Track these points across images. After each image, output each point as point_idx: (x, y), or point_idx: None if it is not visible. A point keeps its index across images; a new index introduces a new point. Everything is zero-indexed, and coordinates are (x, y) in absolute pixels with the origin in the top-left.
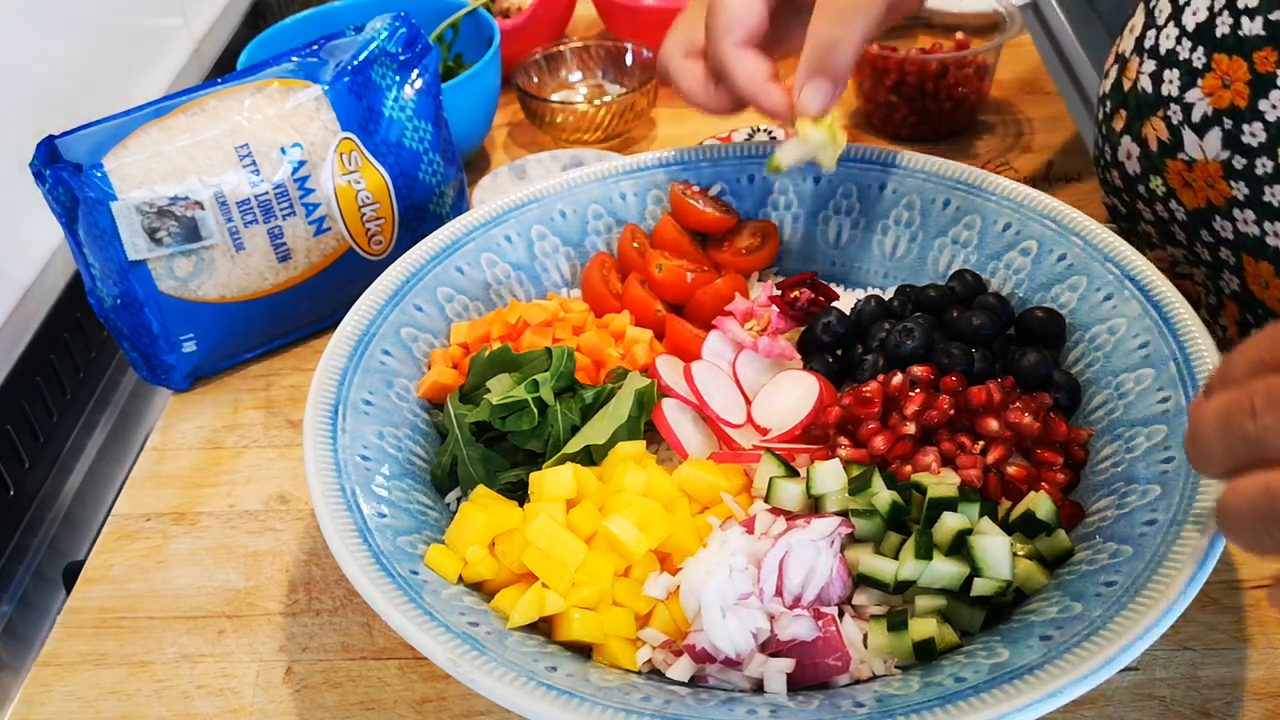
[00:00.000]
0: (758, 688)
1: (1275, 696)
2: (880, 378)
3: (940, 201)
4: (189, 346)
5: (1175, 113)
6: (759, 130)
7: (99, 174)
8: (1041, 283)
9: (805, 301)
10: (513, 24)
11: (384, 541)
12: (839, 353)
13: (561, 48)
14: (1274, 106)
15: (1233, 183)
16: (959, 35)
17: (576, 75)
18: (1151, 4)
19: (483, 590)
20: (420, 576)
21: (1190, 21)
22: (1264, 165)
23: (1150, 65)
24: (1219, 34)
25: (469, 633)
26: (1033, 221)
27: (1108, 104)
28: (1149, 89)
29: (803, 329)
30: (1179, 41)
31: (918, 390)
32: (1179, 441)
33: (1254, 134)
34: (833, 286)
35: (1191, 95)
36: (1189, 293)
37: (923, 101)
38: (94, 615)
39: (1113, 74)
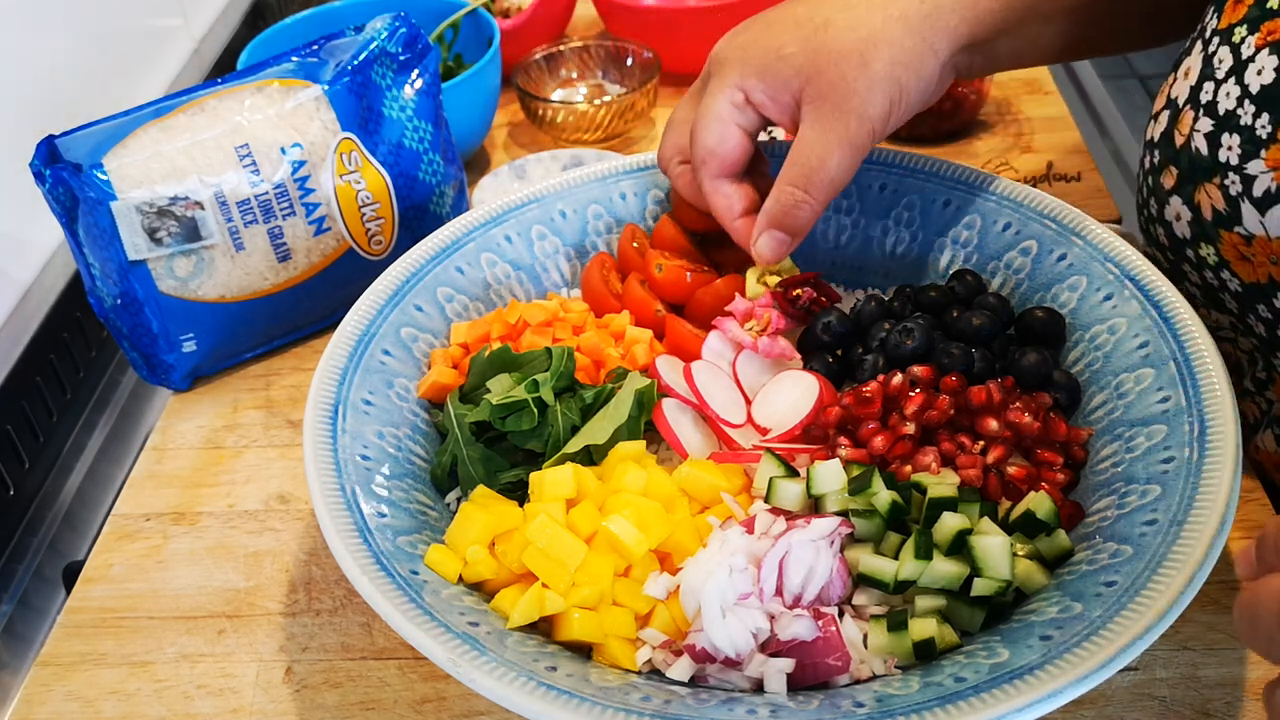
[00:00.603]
0: (758, 688)
1: None
2: (880, 378)
3: (940, 201)
4: (189, 346)
5: (1234, 182)
6: None
7: (99, 174)
8: (1041, 283)
9: (807, 301)
10: (513, 24)
11: (384, 541)
12: (839, 353)
13: (561, 48)
14: None
15: None
16: None
17: (576, 75)
18: (1210, 50)
19: (483, 590)
20: (420, 576)
21: (1255, 83)
22: None
23: (1207, 124)
24: None
25: (469, 633)
26: (1033, 221)
27: (1155, 154)
28: (1204, 150)
29: (803, 329)
30: (1240, 103)
31: (918, 390)
32: (1179, 441)
33: None
34: (833, 286)
35: (1253, 167)
36: (1231, 358)
37: None
38: (94, 615)
39: (1164, 122)
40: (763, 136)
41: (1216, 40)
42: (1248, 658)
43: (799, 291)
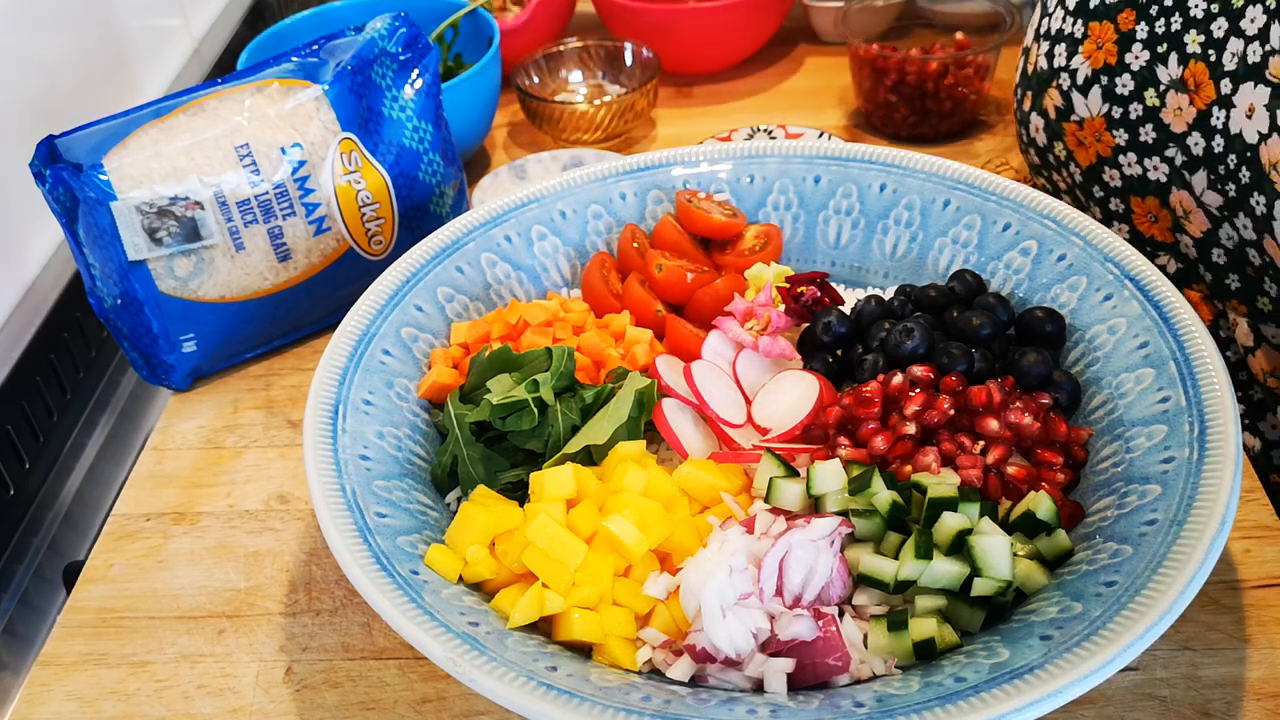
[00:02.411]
0: (758, 688)
1: (1275, 696)
2: (880, 378)
3: (940, 201)
4: (189, 346)
5: (1065, 80)
6: (759, 130)
7: (99, 174)
8: (1041, 283)
9: (810, 299)
10: (513, 24)
11: (384, 541)
12: (839, 353)
13: (561, 48)
14: (1136, 58)
15: (1114, 132)
16: (959, 35)
17: (576, 75)
18: None
19: (483, 590)
20: (420, 576)
21: (1071, 1)
22: (1135, 109)
23: (1045, 46)
24: (1092, 5)
25: (469, 633)
26: (1033, 221)
27: (1018, 92)
28: (1045, 66)
29: (803, 329)
30: (1064, 20)
31: (918, 390)
32: (1179, 441)
33: (1124, 84)
34: (836, 288)
35: (1075, 62)
36: None
37: (923, 101)
38: (94, 615)
39: (1019, 64)
40: (762, 137)
41: None
42: (1248, 658)
43: (803, 289)
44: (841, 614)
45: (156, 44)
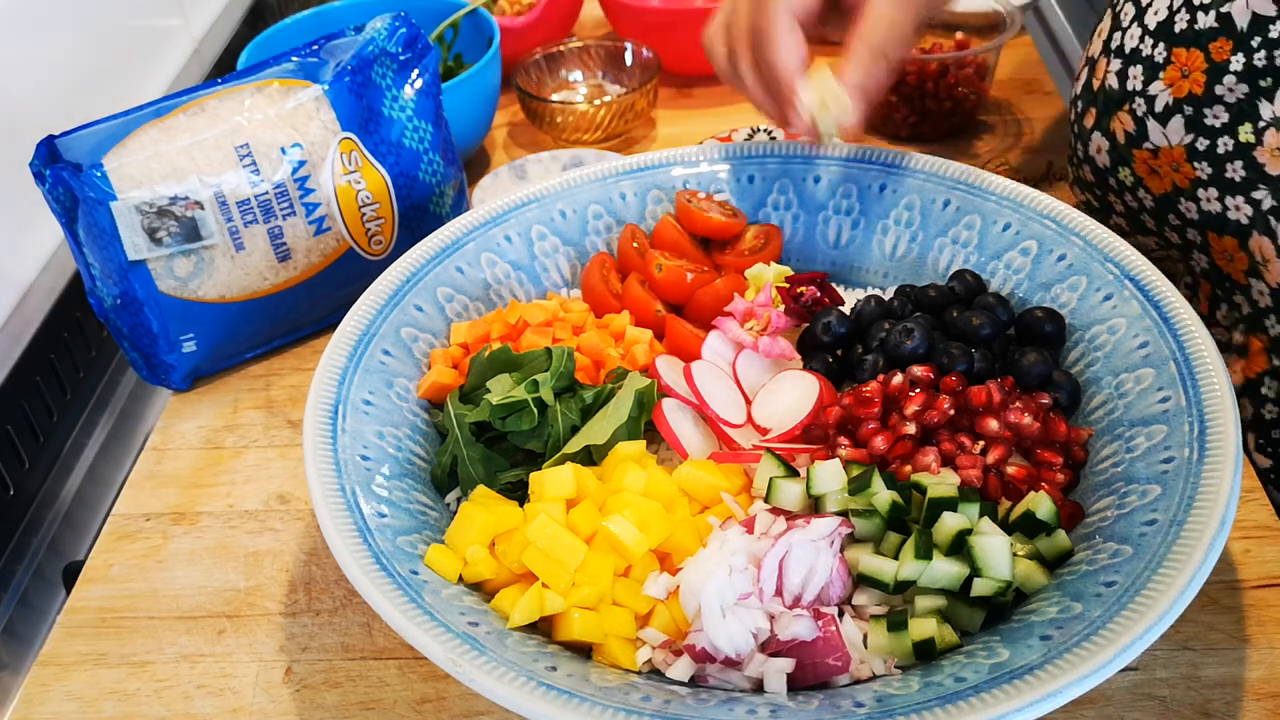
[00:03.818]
0: (758, 688)
1: (1275, 696)
2: (880, 378)
3: (940, 201)
4: (189, 346)
5: (1140, 105)
6: (759, 130)
7: (99, 174)
8: (1041, 283)
9: (810, 299)
10: (521, 23)
11: (384, 541)
12: (839, 353)
13: (562, 48)
14: (1230, 90)
15: (1196, 164)
16: (959, 35)
17: (576, 75)
18: (1117, 8)
19: (483, 590)
20: (420, 576)
21: (1152, 21)
22: (1225, 144)
23: (1116, 64)
24: (1177, 30)
25: (469, 633)
26: (1033, 221)
27: (1079, 104)
28: (1115, 86)
29: (803, 329)
30: (1142, 40)
31: (918, 390)
32: (1179, 441)
33: (1216, 116)
34: (835, 289)
35: (1154, 88)
36: (1169, 271)
37: (923, 101)
38: (94, 615)
39: (1083, 76)
40: (762, 137)
41: (1122, 0)
42: (1248, 658)
43: (803, 290)
44: (841, 614)
45: (156, 44)
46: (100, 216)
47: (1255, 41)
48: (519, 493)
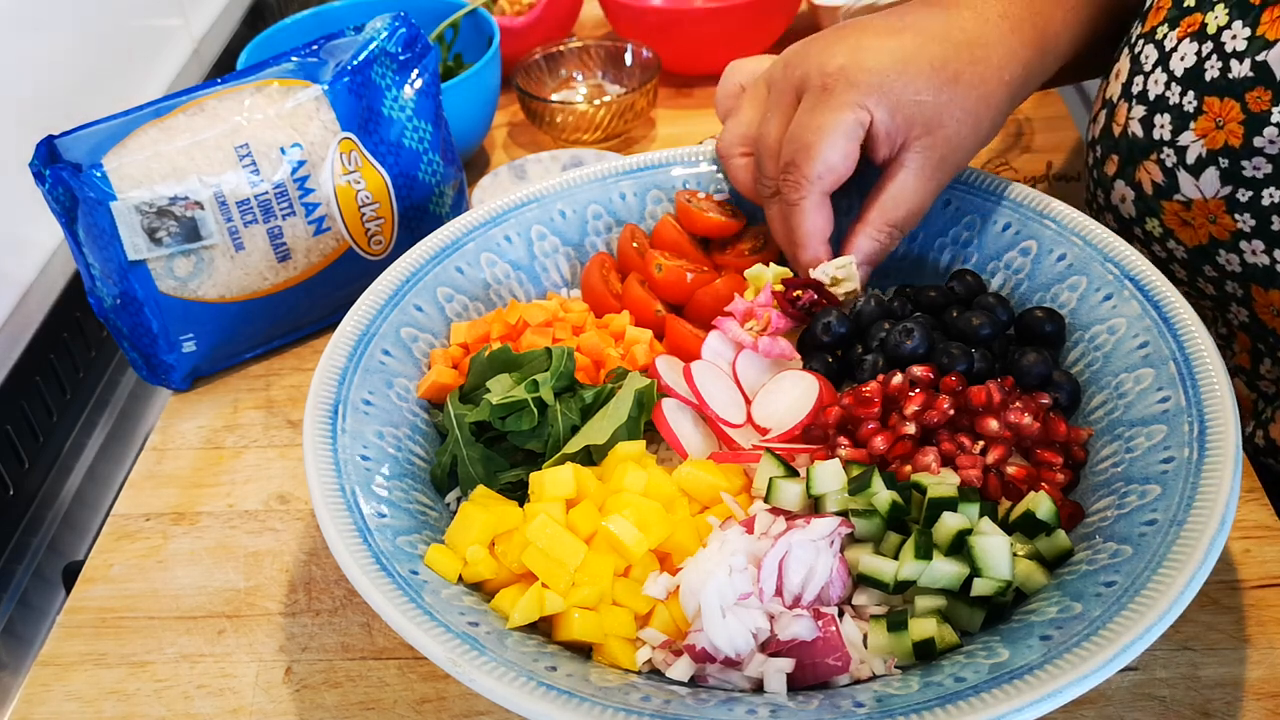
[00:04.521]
0: (758, 688)
1: (1275, 696)
2: (880, 378)
3: (940, 201)
4: (189, 346)
5: (1169, 156)
6: None
7: (99, 174)
8: (1041, 283)
9: (807, 302)
10: (521, 23)
11: (384, 541)
12: (839, 353)
13: (561, 48)
14: (1271, 142)
15: (1237, 215)
16: None
17: (577, 75)
18: (1136, 51)
19: (483, 590)
20: (420, 576)
21: (1179, 67)
22: (1271, 195)
23: (1140, 111)
24: (1208, 78)
25: (469, 633)
26: (1033, 221)
27: (1098, 149)
28: (1140, 134)
29: (803, 329)
30: (1168, 87)
31: (918, 390)
32: (1179, 441)
33: (1256, 167)
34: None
35: (1184, 138)
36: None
37: None
38: (94, 615)
39: (1102, 119)
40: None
41: (1141, 42)
42: (1248, 658)
43: (799, 292)
44: (841, 614)
45: (156, 44)
46: (100, 216)
47: None
48: (519, 493)
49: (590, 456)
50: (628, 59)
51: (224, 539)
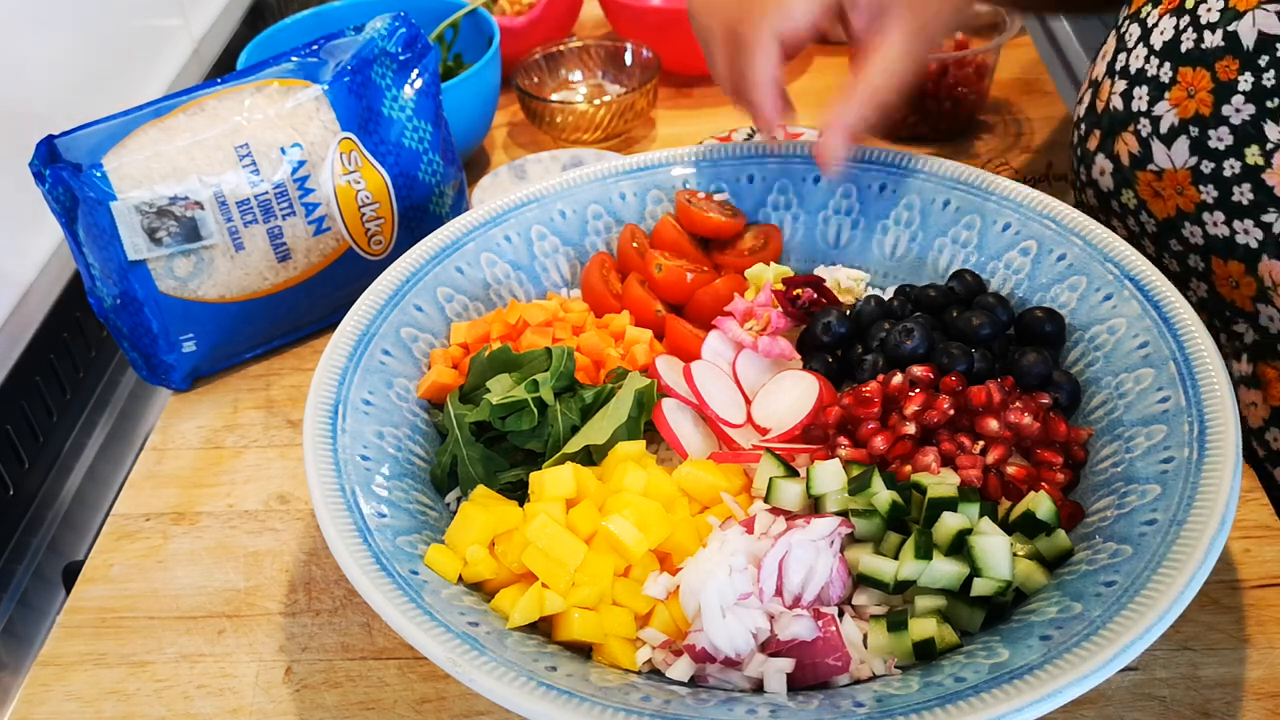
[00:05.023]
0: (758, 688)
1: (1275, 696)
2: (880, 378)
3: (940, 201)
4: (189, 346)
5: (1144, 126)
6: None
7: (99, 174)
8: (1041, 283)
9: (807, 301)
10: (521, 23)
11: (384, 541)
12: (839, 353)
13: (561, 48)
14: (1237, 111)
15: (1201, 187)
16: (959, 35)
17: (576, 75)
18: (1122, 29)
19: (483, 590)
20: (420, 576)
21: (1158, 41)
22: (1232, 167)
23: (1121, 85)
24: (1183, 49)
25: (469, 633)
26: (1033, 221)
27: (1082, 127)
28: (1120, 106)
29: (802, 329)
30: (1147, 60)
31: (917, 390)
32: (1179, 441)
33: (1220, 138)
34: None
35: (1159, 108)
36: None
37: (923, 101)
38: (93, 615)
39: (1087, 98)
40: (762, 137)
41: (1127, 21)
42: (1248, 658)
43: (799, 291)
44: (841, 614)
45: (156, 44)
46: (100, 216)
47: (1263, 60)
48: (519, 493)
49: (590, 456)
50: (628, 59)
51: (224, 539)
